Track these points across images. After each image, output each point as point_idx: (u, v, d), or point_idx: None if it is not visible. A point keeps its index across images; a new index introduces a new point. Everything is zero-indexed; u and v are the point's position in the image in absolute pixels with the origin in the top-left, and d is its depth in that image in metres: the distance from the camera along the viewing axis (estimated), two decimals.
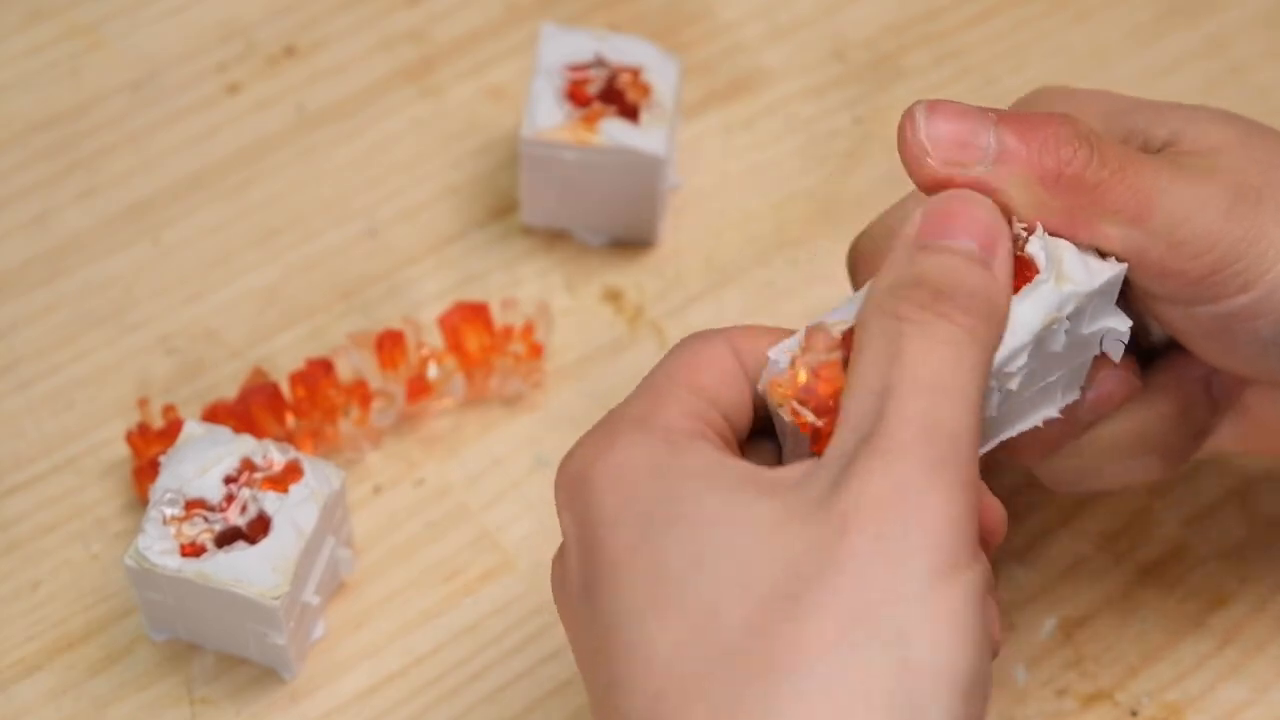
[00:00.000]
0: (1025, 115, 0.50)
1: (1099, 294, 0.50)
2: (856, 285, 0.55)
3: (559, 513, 0.48)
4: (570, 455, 0.47)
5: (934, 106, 0.49)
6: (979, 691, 0.44)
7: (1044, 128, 0.49)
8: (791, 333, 0.49)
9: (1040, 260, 0.49)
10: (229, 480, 0.58)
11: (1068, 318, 0.49)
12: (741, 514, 0.44)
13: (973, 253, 0.47)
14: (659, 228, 0.68)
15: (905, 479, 0.44)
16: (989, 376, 0.47)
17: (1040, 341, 0.49)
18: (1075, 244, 0.50)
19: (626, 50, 0.66)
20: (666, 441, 0.46)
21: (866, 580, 0.43)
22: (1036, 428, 0.53)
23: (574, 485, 0.47)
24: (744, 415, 0.49)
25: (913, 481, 0.44)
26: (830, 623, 0.43)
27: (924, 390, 0.45)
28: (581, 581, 0.46)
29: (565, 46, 0.66)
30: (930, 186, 0.49)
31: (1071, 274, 0.49)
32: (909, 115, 0.49)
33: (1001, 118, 0.49)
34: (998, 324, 0.47)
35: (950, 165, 0.49)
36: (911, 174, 0.49)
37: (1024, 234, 0.49)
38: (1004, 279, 0.48)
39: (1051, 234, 0.50)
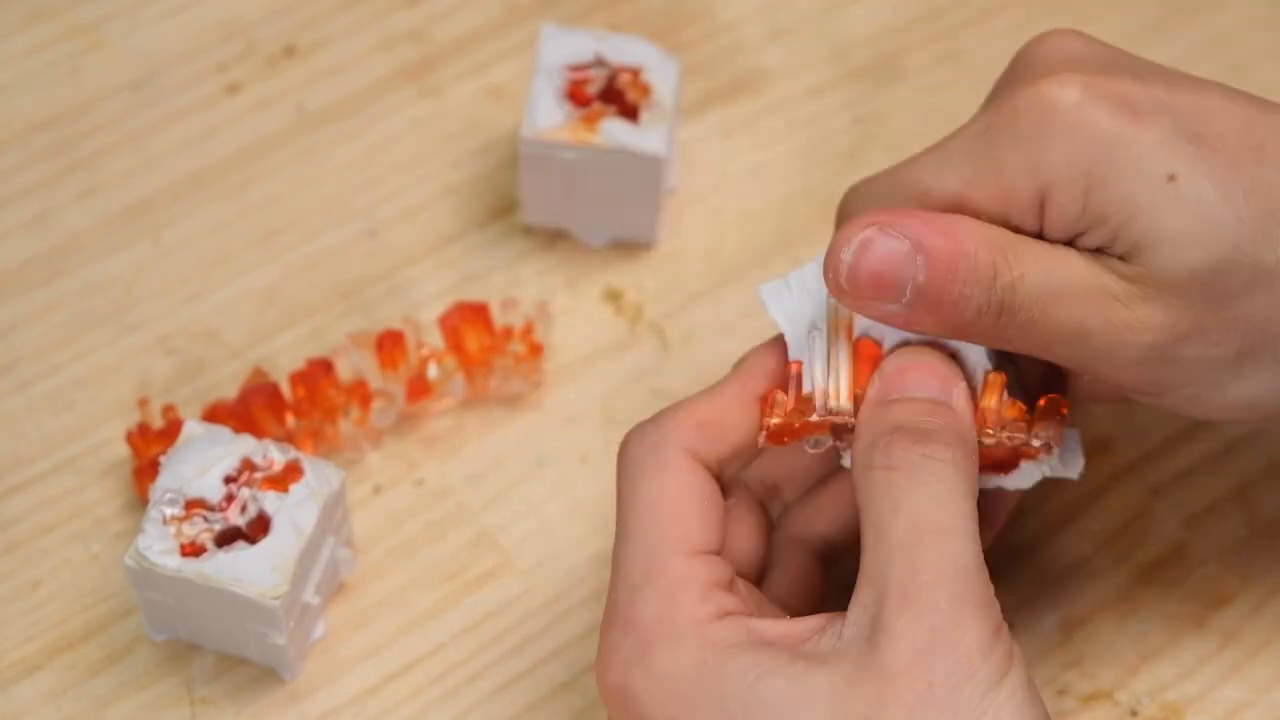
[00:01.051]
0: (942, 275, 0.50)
1: None
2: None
3: (610, 715, 0.51)
4: (605, 664, 0.50)
5: (865, 245, 0.50)
6: None
7: (950, 288, 0.50)
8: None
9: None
10: (229, 480, 0.58)
11: None
12: (800, 692, 0.47)
13: (934, 398, 0.51)
14: (659, 228, 0.68)
15: (934, 625, 0.47)
16: (976, 500, 0.50)
17: None
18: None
19: (626, 50, 0.66)
20: (704, 645, 0.49)
21: None
22: None
23: (619, 697, 0.49)
24: (736, 541, 0.54)
25: (942, 625, 0.47)
26: None
27: (926, 535, 0.48)
28: None
29: (565, 46, 0.66)
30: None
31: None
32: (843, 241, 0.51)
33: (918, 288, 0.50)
34: (972, 451, 0.50)
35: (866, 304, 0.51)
36: (831, 290, 0.51)
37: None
38: (966, 416, 0.51)
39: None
